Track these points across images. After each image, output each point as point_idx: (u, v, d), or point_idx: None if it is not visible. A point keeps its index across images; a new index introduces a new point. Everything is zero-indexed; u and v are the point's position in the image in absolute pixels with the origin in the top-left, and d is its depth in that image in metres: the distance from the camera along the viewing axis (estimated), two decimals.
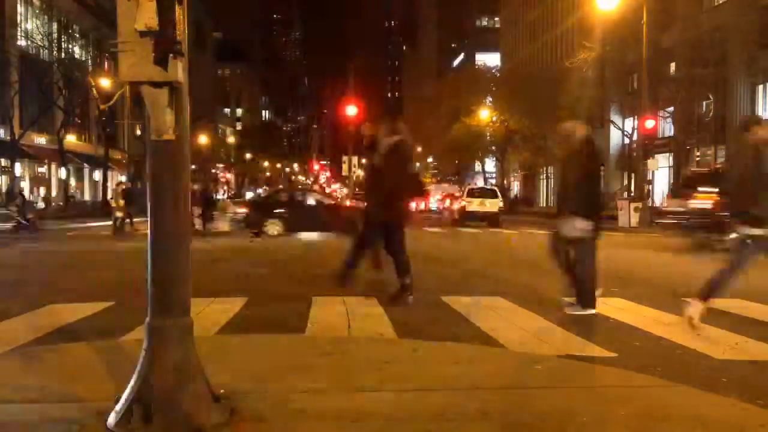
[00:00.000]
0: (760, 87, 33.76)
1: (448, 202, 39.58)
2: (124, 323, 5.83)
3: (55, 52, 39.25)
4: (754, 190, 5.45)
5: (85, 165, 48.04)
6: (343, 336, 5.53)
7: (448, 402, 3.49)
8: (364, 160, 18.29)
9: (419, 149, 76.16)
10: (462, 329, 5.83)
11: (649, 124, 26.62)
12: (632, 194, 29.03)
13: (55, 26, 40.92)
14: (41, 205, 32.65)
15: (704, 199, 14.32)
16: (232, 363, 4.27)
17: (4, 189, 36.12)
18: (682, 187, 17.95)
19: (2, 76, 34.64)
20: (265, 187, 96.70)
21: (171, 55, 2.96)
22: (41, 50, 39.50)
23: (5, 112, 35.20)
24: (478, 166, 71.85)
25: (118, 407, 3.13)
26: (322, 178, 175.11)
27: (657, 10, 29.23)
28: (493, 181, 66.55)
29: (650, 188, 27.74)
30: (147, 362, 3.12)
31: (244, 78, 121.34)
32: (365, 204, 8.57)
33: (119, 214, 21.20)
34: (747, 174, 5.55)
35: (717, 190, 12.09)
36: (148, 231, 3.21)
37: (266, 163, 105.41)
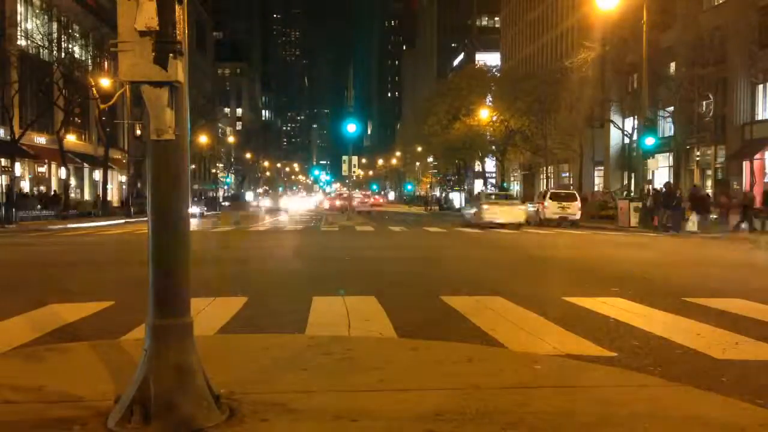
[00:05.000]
0: (760, 87, 33.74)
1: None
2: (124, 323, 5.83)
3: (55, 52, 39.20)
4: None
5: (85, 165, 48.03)
6: (343, 336, 5.53)
7: (448, 402, 3.49)
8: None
9: (419, 149, 76.19)
10: (462, 329, 5.83)
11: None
12: (633, 194, 29.04)
13: (55, 26, 40.87)
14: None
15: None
16: (232, 363, 4.27)
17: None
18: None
19: (2, 75, 34.60)
20: (265, 187, 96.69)
21: (171, 55, 2.96)
22: (41, 50, 39.47)
23: (5, 112, 35.16)
24: (478, 166, 71.82)
25: (118, 407, 3.13)
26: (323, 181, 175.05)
27: (657, 10, 29.19)
28: (493, 181, 66.59)
29: (650, 188, 27.67)
30: (147, 362, 3.12)
31: (244, 78, 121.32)
32: None
33: None
34: None
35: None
36: (149, 231, 3.21)
37: (266, 163, 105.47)
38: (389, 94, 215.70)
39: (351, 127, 36.11)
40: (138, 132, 51.26)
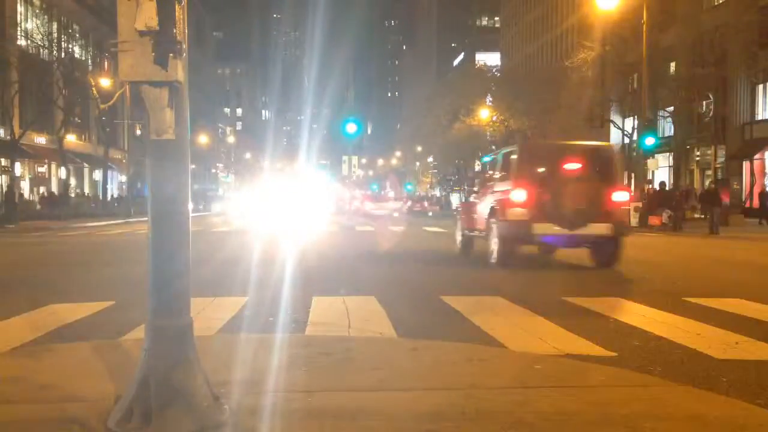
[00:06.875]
0: (760, 87, 33.77)
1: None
2: (124, 323, 5.83)
3: (55, 52, 39.23)
4: None
5: (85, 165, 48.06)
6: (343, 336, 5.53)
7: (448, 402, 3.49)
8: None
9: (419, 149, 76.27)
10: (462, 329, 5.83)
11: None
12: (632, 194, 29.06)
13: (55, 26, 40.91)
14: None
15: None
16: (232, 363, 4.27)
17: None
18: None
19: (2, 76, 34.61)
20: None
21: (171, 54, 2.96)
22: (41, 50, 39.48)
23: (5, 112, 35.17)
24: (478, 166, 71.86)
25: (118, 407, 3.13)
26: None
27: (657, 10, 29.20)
28: None
29: (650, 188, 27.69)
30: (147, 362, 3.12)
31: (244, 78, 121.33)
32: None
33: None
34: None
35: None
36: (148, 230, 3.21)
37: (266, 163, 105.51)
38: (389, 94, 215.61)
39: (351, 127, 36.02)
40: (138, 132, 51.32)
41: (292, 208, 32.53)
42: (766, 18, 30.98)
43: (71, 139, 43.61)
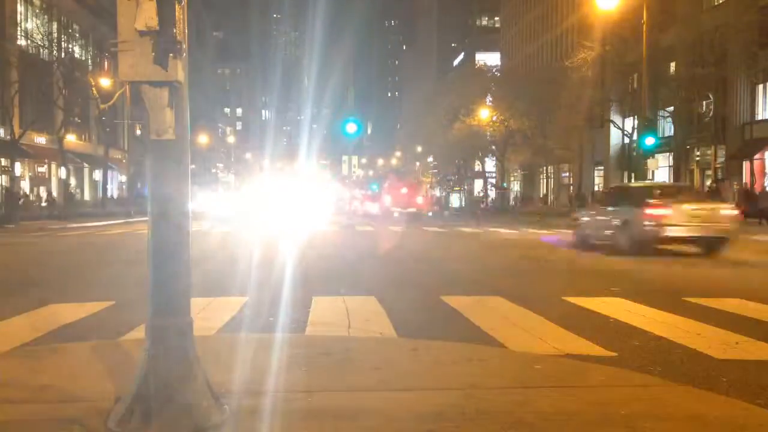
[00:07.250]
0: (760, 87, 33.74)
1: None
2: (124, 323, 5.84)
3: (55, 52, 39.22)
4: None
5: (85, 165, 48.06)
6: (343, 336, 5.54)
7: (448, 402, 3.49)
8: None
9: (419, 149, 76.28)
10: (462, 329, 5.83)
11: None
12: None
13: (55, 26, 40.90)
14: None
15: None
16: (232, 362, 4.27)
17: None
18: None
19: (2, 75, 34.60)
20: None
21: (171, 54, 2.96)
22: (41, 50, 39.47)
23: (5, 112, 35.17)
24: (478, 166, 71.89)
25: (118, 407, 3.13)
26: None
27: (657, 10, 29.20)
28: (493, 181, 66.55)
29: None
30: (147, 362, 3.12)
31: (244, 78, 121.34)
32: None
33: None
34: None
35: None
36: (149, 230, 3.21)
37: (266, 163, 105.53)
38: (389, 94, 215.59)
39: (351, 127, 35.95)
40: (138, 132, 51.33)
41: (292, 208, 32.49)
42: (766, 18, 30.94)
43: (71, 139, 43.59)
